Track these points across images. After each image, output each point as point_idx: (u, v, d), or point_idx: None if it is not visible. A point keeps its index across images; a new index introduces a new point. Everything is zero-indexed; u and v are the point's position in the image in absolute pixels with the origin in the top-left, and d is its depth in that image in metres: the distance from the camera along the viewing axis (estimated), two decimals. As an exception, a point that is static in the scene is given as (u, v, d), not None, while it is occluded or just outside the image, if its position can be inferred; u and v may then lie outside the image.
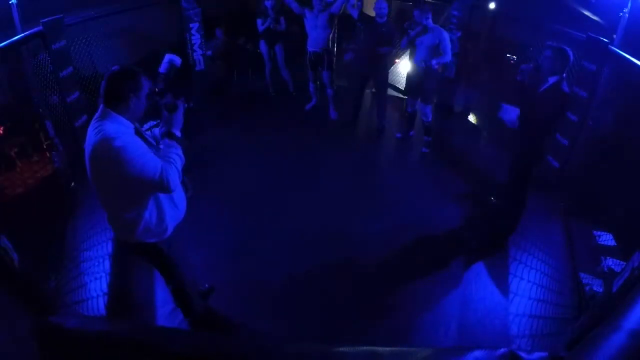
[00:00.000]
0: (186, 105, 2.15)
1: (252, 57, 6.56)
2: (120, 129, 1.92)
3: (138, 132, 2.06)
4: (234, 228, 3.64)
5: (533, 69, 3.25)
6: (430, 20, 4.31)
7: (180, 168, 2.04)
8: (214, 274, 3.08)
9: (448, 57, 4.35)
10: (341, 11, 4.93)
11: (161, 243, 2.23)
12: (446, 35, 4.31)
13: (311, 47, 5.09)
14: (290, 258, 3.33)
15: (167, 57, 2.29)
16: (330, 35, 5.13)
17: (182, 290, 2.58)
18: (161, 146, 2.10)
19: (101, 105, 1.96)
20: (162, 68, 2.29)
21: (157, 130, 2.24)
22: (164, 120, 2.11)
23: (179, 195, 2.26)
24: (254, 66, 6.52)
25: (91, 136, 1.93)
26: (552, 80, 3.01)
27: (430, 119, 4.75)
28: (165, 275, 2.49)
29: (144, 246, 2.20)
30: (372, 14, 6.67)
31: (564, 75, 3.02)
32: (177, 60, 2.29)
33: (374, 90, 5.84)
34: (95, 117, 1.97)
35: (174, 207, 2.22)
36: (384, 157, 5.15)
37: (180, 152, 2.09)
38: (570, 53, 2.98)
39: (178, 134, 2.10)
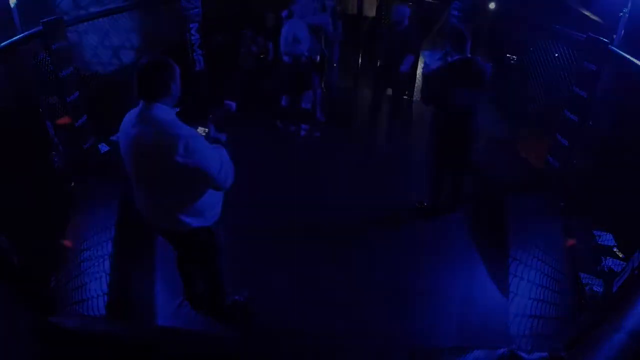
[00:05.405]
0: None
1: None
2: (175, 120, 1.93)
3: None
4: (234, 226, 3.63)
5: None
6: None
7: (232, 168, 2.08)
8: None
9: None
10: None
11: (213, 226, 2.24)
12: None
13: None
14: (289, 258, 3.33)
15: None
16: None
17: (217, 276, 2.57)
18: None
19: (142, 102, 1.92)
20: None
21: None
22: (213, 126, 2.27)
23: None
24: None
25: (142, 129, 1.90)
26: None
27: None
28: (207, 261, 2.48)
29: (197, 232, 2.17)
30: (371, 14, 6.67)
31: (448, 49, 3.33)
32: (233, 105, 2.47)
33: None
34: (137, 112, 1.94)
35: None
36: (386, 156, 5.14)
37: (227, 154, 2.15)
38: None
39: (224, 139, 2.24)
